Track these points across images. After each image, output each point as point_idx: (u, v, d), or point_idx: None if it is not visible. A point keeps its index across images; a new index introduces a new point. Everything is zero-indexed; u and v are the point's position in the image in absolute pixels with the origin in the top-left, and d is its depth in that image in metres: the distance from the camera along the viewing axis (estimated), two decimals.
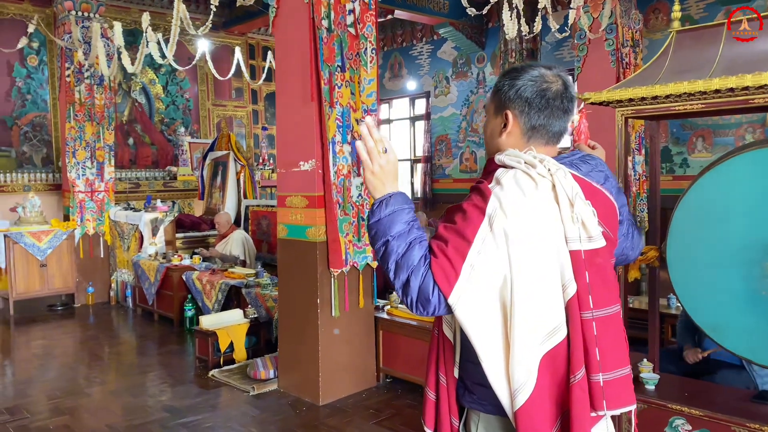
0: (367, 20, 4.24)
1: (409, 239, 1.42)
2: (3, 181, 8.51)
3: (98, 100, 7.44)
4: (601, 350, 1.40)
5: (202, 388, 4.58)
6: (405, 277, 1.39)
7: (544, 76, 1.52)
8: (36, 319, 6.85)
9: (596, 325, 1.40)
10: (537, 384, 1.38)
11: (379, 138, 1.45)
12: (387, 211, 1.45)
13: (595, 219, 1.43)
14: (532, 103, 1.51)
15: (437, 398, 1.60)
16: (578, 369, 1.39)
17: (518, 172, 1.43)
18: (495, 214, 1.38)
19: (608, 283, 1.45)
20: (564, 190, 1.41)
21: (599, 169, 1.56)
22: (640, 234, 1.81)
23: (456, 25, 10.43)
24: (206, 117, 10.97)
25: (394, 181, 1.49)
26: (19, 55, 8.79)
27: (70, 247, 7.37)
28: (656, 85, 2.86)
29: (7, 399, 4.41)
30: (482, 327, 1.39)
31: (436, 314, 1.40)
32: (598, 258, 1.43)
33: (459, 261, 1.37)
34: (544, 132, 1.53)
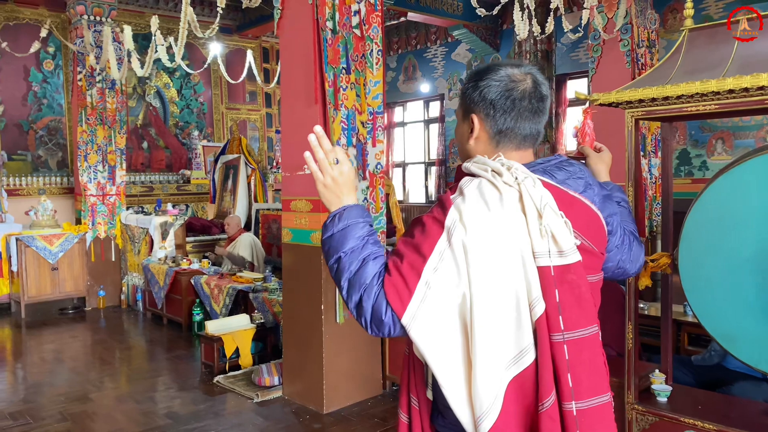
0: (373, 21, 4.17)
1: (362, 255, 1.32)
2: (19, 184, 8.58)
3: (110, 104, 7.46)
4: (574, 376, 1.27)
5: (206, 394, 4.53)
6: (358, 297, 1.30)
7: (511, 75, 1.40)
8: (47, 322, 6.86)
9: (568, 348, 1.27)
10: (502, 411, 1.27)
11: (330, 148, 1.37)
12: (340, 226, 1.36)
13: (567, 232, 1.31)
14: (497, 105, 1.40)
15: (410, 421, 1.50)
16: (547, 396, 1.26)
17: (483, 181, 1.33)
18: (454, 227, 1.28)
19: (583, 303, 1.31)
20: (532, 200, 1.29)
21: (578, 176, 1.42)
22: (641, 246, 1.67)
23: (470, 26, 10.33)
24: (220, 120, 10.99)
25: (350, 193, 1.39)
26: (35, 60, 8.87)
27: (81, 250, 7.39)
28: (667, 86, 2.75)
29: (12, 404, 4.40)
30: (440, 349, 1.28)
31: (391, 335, 1.31)
32: (570, 274, 1.29)
33: (414, 279, 1.27)
34: (512, 136, 1.41)
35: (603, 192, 1.51)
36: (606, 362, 1.39)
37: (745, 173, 2.67)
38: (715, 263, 2.73)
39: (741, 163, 2.69)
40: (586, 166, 1.90)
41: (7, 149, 8.69)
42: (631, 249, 1.62)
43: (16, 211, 7.83)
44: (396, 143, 12.67)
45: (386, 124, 12.64)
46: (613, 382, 3.17)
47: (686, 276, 2.83)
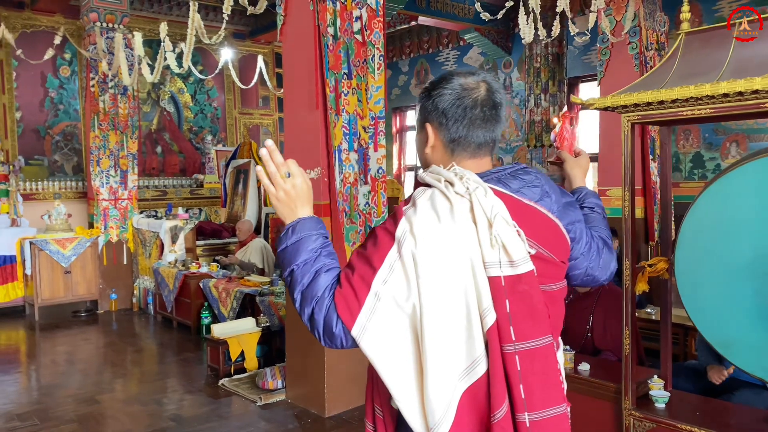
0: (374, 27, 4.19)
1: (314, 268, 1.33)
2: (35, 189, 8.73)
3: (122, 109, 7.56)
4: (527, 387, 1.27)
5: (210, 397, 4.57)
6: (310, 309, 1.31)
7: (463, 84, 1.41)
8: (60, 325, 6.96)
9: (519, 359, 1.27)
10: (455, 422, 1.26)
11: (281, 162, 1.36)
12: (293, 239, 1.36)
13: (519, 241, 1.30)
14: (449, 114, 1.40)
15: (374, 430, 1.50)
16: (499, 407, 1.26)
17: (436, 192, 1.33)
18: (404, 238, 1.28)
19: (535, 313, 1.29)
20: (483, 210, 1.29)
21: (533, 185, 1.40)
22: (612, 253, 1.65)
23: (481, 30, 10.31)
24: (233, 125, 11.09)
25: (305, 205, 1.39)
26: (52, 66, 9.04)
27: (93, 254, 7.49)
28: (662, 90, 2.74)
29: (21, 405, 4.47)
30: (392, 361, 1.28)
31: (344, 347, 1.31)
32: (521, 285, 1.28)
33: (363, 290, 1.27)
34: (466, 144, 1.42)
35: (564, 200, 1.49)
36: (561, 373, 1.38)
37: (740, 177, 2.64)
38: (710, 268, 2.71)
39: (736, 168, 2.67)
40: (562, 171, 1.91)
41: (25, 154, 8.85)
42: (600, 256, 1.59)
43: (33, 215, 7.97)
44: (408, 147, 12.67)
45: (398, 128, 12.69)
46: (611, 388, 3.17)
47: (682, 281, 2.81)
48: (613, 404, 3.17)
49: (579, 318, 4.04)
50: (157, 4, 9.80)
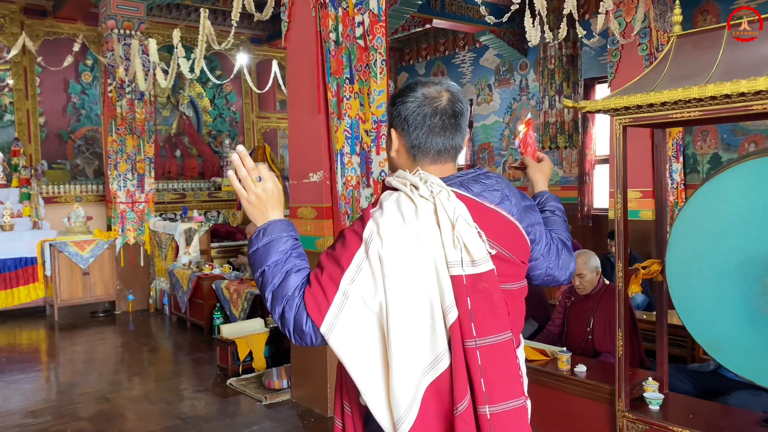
0: (377, 32, 4.25)
1: (285, 269, 1.38)
2: (57, 192, 8.96)
3: (139, 114, 7.72)
4: (487, 380, 1.32)
5: (218, 396, 4.66)
6: (281, 308, 1.36)
7: (426, 93, 1.46)
8: (78, 325, 7.13)
9: (480, 353, 1.32)
10: (420, 415, 1.32)
11: (252, 167, 1.41)
12: (264, 241, 1.41)
13: (480, 242, 1.36)
14: (410, 121, 1.46)
15: (343, 426, 1.55)
16: (461, 400, 1.31)
17: (401, 195, 1.39)
18: (371, 239, 1.34)
19: (495, 310, 1.35)
20: (446, 212, 1.35)
21: (494, 189, 1.47)
22: (570, 254, 1.70)
23: (497, 32, 10.31)
24: (250, 129, 11.23)
25: (275, 208, 1.44)
26: (75, 72, 9.27)
27: (111, 256, 7.66)
28: (651, 93, 2.75)
29: (36, 402, 4.60)
30: (358, 356, 1.34)
31: (314, 345, 1.37)
32: (482, 283, 1.34)
33: (332, 289, 1.33)
34: (425, 150, 1.47)
35: (524, 203, 1.55)
36: (519, 367, 1.43)
37: (729, 180, 2.65)
38: (701, 270, 2.71)
39: (726, 170, 2.67)
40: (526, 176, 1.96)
41: (48, 158, 9.09)
42: (559, 257, 1.65)
43: (56, 217, 8.19)
44: None
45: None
46: (606, 389, 3.18)
47: (673, 282, 2.82)
48: (608, 406, 3.18)
49: (580, 320, 4.04)
50: (174, 10, 9.97)
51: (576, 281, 4.03)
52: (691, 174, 7.98)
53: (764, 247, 2.50)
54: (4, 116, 8.76)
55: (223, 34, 10.28)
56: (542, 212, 1.78)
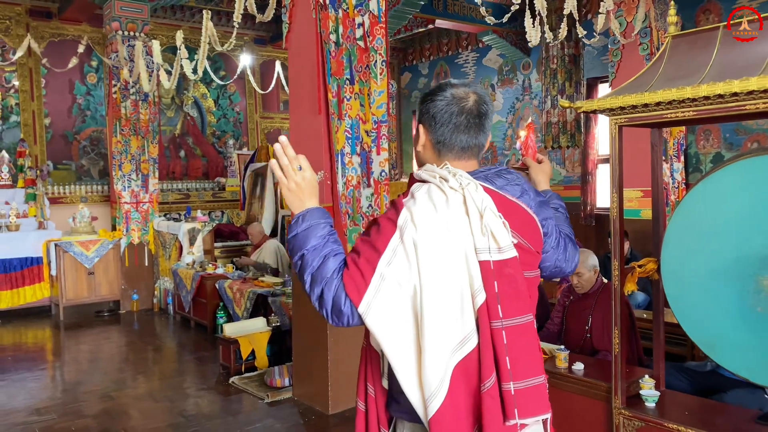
0: (376, 33, 4.28)
1: (323, 252, 1.47)
2: (63, 192, 9.03)
3: (143, 115, 7.78)
4: (512, 359, 1.42)
5: (221, 394, 4.71)
6: (319, 289, 1.44)
7: (454, 94, 1.57)
8: (83, 324, 7.20)
9: (506, 334, 1.42)
10: (449, 392, 1.40)
11: (294, 156, 1.51)
12: (303, 226, 1.50)
13: (505, 230, 1.46)
14: (437, 118, 1.57)
15: (366, 409, 1.63)
16: (488, 377, 1.41)
17: (432, 186, 1.48)
18: (405, 225, 1.43)
19: (519, 293, 1.46)
20: (474, 202, 1.45)
21: (515, 183, 1.58)
22: (575, 248, 1.81)
23: (500, 32, 10.33)
24: (254, 129, 11.28)
25: (312, 197, 1.53)
26: (80, 74, 9.34)
27: (116, 255, 7.73)
28: (646, 93, 2.78)
29: (41, 400, 4.66)
30: (393, 335, 1.43)
31: (350, 324, 1.45)
32: (507, 268, 1.45)
33: (369, 271, 1.42)
34: (450, 146, 1.58)
35: (539, 198, 1.66)
36: (540, 347, 1.52)
37: (723, 178, 2.67)
38: (695, 269, 2.73)
39: (719, 169, 2.69)
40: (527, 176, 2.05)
41: (53, 159, 9.17)
42: (566, 250, 1.77)
43: (61, 218, 8.26)
44: None
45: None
46: (602, 387, 3.20)
47: (668, 281, 2.85)
48: (605, 403, 3.20)
49: (578, 319, 4.07)
50: (179, 12, 10.04)
51: (574, 280, 4.05)
52: (693, 173, 7.99)
53: (757, 246, 2.53)
54: (10, 117, 8.84)
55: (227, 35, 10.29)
56: None
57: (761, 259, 2.51)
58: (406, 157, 12.98)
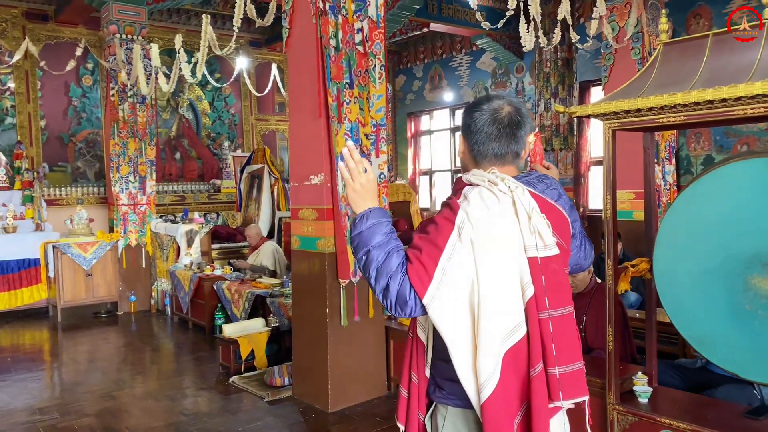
0: (375, 38, 4.37)
1: (387, 249, 1.59)
2: (59, 194, 9.07)
3: (140, 117, 7.84)
4: (557, 346, 1.55)
5: (221, 393, 4.77)
6: (385, 282, 1.56)
7: (492, 106, 1.71)
8: (81, 325, 7.24)
9: (552, 323, 1.56)
10: (501, 378, 1.53)
11: (360, 160, 1.64)
12: (368, 224, 1.62)
13: (549, 231, 1.60)
14: (471, 129, 1.72)
15: (408, 395, 1.77)
16: (537, 363, 1.54)
17: (483, 189, 1.61)
18: (463, 224, 1.56)
19: (561, 287, 1.60)
20: (522, 205, 1.58)
21: (553, 188, 1.75)
22: (590, 244, 1.97)
23: (493, 35, 10.45)
24: (249, 131, 11.34)
25: (373, 197, 1.66)
26: (75, 76, 9.38)
27: (113, 257, 7.77)
28: (638, 99, 2.87)
29: (43, 400, 4.71)
30: (453, 325, 1.55)
31: (412, 315, 1.58)
32: (552, 264, 1.59)
33: (432, 266, 1.54)
34: (483, 154, 1.72)
35: (569, 202, 1.81)
36: (579, 336, 1.66)
37: (714, 180, 2.76)
38: (686, 268, 2.83)
39: (709, 172, 2.79)
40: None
41: (49, 161, 9.20)
42: (584, 248, 1.94)
43: (57, 219, 8.29)
44: (423, 151, 12.84)
45: (413, 132, 12.86)
46: (597, 383, 3.29)
47: (660, 279, 2.94)
48: (599, 399, 3.29)
49: None
50: (175, 15, 10.10)
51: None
52: (685, 175, 8.12)
53: (745, 246, 2.62)
54: (5, 119, 8.87)
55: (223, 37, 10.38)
56: None
57: (749, 258, 2.61)
58: (401, 158, 13.07)
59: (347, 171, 1.64)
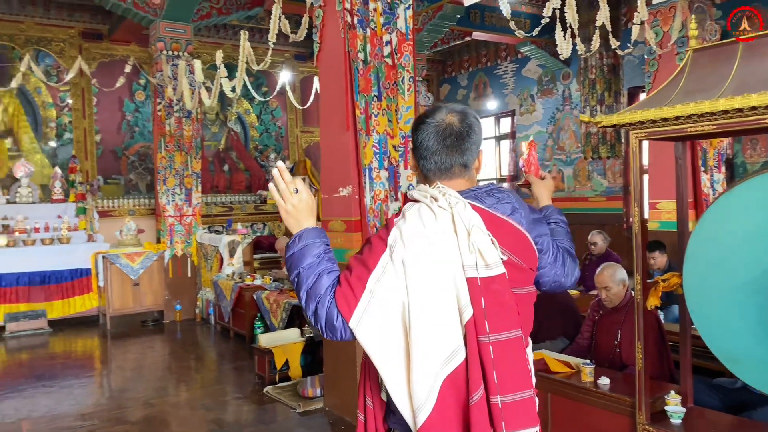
0: (404, 50, 4.37)
1: (317, 270, 1.54)
2: (112, 206, 9.41)
3: (186, 131, 8.06)
4: (499, 373, 1.45)
5: (255, 404, 4.83)
6: (314, 306, 1.52)
7: (433, 119, 1.63)
8: (129, 333, 7.47)
9: (493, 348, 1.45)
10: (437, 404, 1.46)
11: (290, 180, 1.58)
12: (299, 246, 1.57)
13: (493, 248, 1.50)
14: (416, 143, 1.66)
15: (365, 420, 1.69)
16: (476, 390, 1.45)
17: (422, 205, 1.54)
18: (395, 244, 1.50)
19: (506, 309, 1.49)
20: (462, 221, 1.49)
21: (506, 201, 1.62)
22: (575, 262, 1.85)
23: (538, 42, 10.30)
24: (295, 143, 11.51)
25: (309, 217, 1.60)
26: (129, 92, 9.74)
27: (160, 267, 8.00)
28: (664, 107, 2.78)
29: (86, 406, 4.88)
30: (383, 349, 1.49)
31: (344, 339, 1.52)
32: (494, 285, 1.48)
33: (360, 288, 1.48)
34: (428, 168, 1.64)
35: (533, 216, 1.70)
36: (528, 362, 1.56)
37: (744, 192, 2.65)
38: (717, 283, 2.71)
39: (743, 182, 2.67)
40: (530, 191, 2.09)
41: (103, 174, 9.57)
42: (564, 265, 1.81)
43: (110, 230, 8.61)
44: None
45: None
46: (627, 402, 3.18)
47: (690, 295, 2.83)
48: (630, 419, 3.17)
49: (608, 333, 4.04)
50: (222, 30, 10.36)
51: (603, 294, 4.03)
52: None
53: None
54: (64, 135, 9.28)
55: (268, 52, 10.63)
56: (548, 224, 1.91)
57: None
58: None
59: (277, 192, 1.58)
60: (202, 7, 8.09)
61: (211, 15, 8.22)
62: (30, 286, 7.47)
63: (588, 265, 6.29)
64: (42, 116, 9.19)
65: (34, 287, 7.49)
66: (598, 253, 6.31)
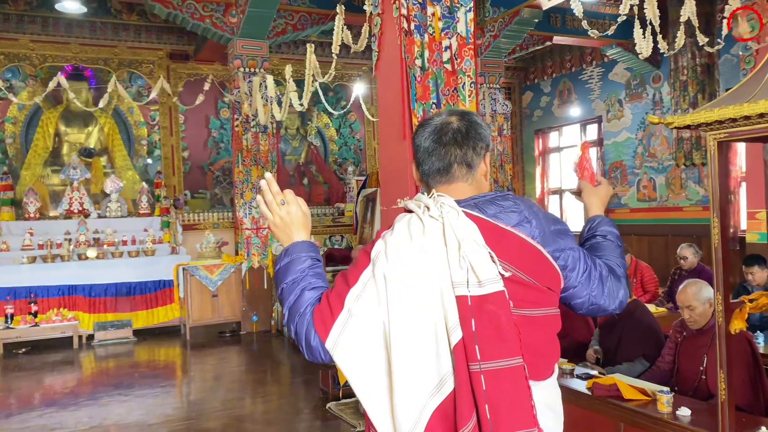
0: (465, 55, 4.19)
1: (300, 286, 1.43)
2: (197, 219, 9.74)
3: (262, 146, 8.20)
4: (492, 407, 1.26)
5: (318, 419, 4.76)
6: (294, 324, 1.41)
7: (435, 121, 1.52)
8: (207, 344, 7.64)
9: (485, 378, 1.26)
10: None
11: (277, 191, 1.48)
12: (286, 260, 1.47)
13: (489, 262, 1.31)
14: (415, 149, 1.55)
15: None
16: (464, 425, 1.26)
17: (413, 216, 1.40)
18: (377, 258, 1.37)
19: (503, 333, 1.29)
20: (453, 231, 1.33)
21: (511, 210, 1.42)
22: (619, 281, 1.56)
23: (625, 45, 9.78)
24: (372, 156, 11.51)
25: (300, 230, 1.49)
26: (214, 109, 10.10)
27: (237, 279, 8.15)
28: (744, 104, 2.45)
29: (155, 416, 4.96)
30: (362, 374, 1.33)
31: (324, 360, 1.38)
32: (488, 305, 1.29)
33: (338, 306, 1.35)
34: (427, 173, 1.52)
35: (554, 227, 1.48)
36: (530, 395, 1.31)
37: None
38: None
39: None
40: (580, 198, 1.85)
41: (191, 188, 9.95)
42: (603, 284, 1.53)
43: (195, 243, 8.92)
44: (551, 169, 12.27)
45: (541, 150, 12.36)
46: None
47: None
48: None
49: (692, 358, 3.65)
50: (301, 46, 10.53)
51: (686, 314, 3.65)
52: None
53: None
54: (154, 152, 9.72)
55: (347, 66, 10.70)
56: (593, 237, 1.70)
57: None
58: (528, 178, 12.59)
59: (264, 204, 1.49)
60: (278, 24, 8.22)
61: (286, 31, 8.34)
62: (117, 297, 7.80)
63: (677, 280, 5.81)
64: (134, 134, 9.66)
65: (121, 298, 7.82)
66: (688, 268, 5.82)
